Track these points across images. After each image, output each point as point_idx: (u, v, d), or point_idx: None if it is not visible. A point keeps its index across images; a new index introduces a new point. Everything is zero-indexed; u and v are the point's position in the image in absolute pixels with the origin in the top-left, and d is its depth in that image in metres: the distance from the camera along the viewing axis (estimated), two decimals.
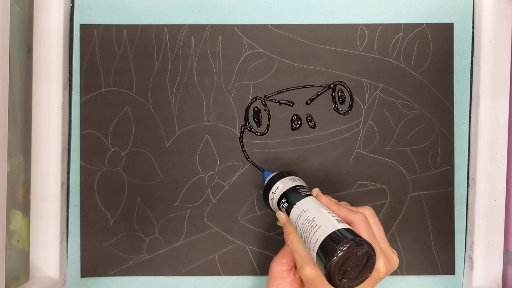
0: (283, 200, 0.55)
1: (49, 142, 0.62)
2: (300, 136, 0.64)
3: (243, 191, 0.65)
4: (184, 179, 0.65)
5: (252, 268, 0.65)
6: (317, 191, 0.55)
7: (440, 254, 0.64)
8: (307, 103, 0.64)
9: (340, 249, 0.42)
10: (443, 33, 0.64)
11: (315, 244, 0.45)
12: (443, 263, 0.64)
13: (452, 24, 0.64)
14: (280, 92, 0.64)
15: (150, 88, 0.64)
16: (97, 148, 0.64)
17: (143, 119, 0.64)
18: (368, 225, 0.50)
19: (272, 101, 0.64)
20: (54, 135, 0.62)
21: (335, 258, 0.42)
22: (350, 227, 0.46)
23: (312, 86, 0.64)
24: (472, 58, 0.64)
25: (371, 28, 0.64)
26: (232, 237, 0.65)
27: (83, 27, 0.64)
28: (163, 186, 0.64)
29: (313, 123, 0.64)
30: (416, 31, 0.64)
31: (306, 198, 0.53)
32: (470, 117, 0.64)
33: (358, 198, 0.64)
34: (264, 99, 0.64)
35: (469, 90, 0.64)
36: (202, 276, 0.65)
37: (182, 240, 0.65)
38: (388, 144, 0.64)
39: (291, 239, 0.52)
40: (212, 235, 0.65)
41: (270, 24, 0.64)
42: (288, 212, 0.54)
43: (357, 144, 0.64)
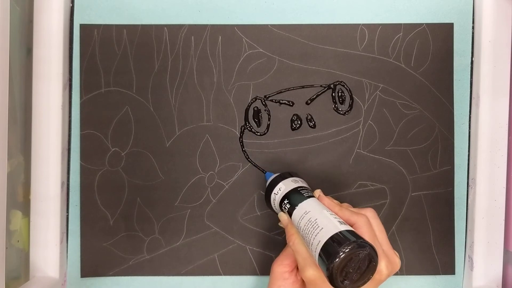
0: (285, 201, 0.55)
1: (49, 142, 0.62)
2: (300, 136, 0.64)
3: (243, 191, 0.65)
4: (184, 179, 0.65)
5: (252, 268, 0.65)
6: (319, 192, 0.55)
7: (440, 254, 0.65)
8: (307, 103, 0.64)
9: (342, 251, 0.42)
10: (443, 33, 0.64)
11: (317, 245, 0.46)
12: (443, 263, 0.65)
13: (452, 24, 0.64)
14: (280, 92, 0.64)
15: (150, 88, 0.64)
16: (97, 148, 0.64)
17: (143, 119, 0.64)
18: (370, 227, 0.50)
19: (272, 101, 0.64)
20: (54, 135, 0.62)
21: (338, 259, 0.42)
22: (352, 229, 0.47)
23: (312, 86, 0.64)
24: (472, 58, 0.64)
25: (371, 28, 0.64)
26: (232, 237, 0.65)
27: (83, 27, 0.64)
28: (163, 186, 0.64)
29: (313, 123, 0.64)
30: (416, 31, 0.64)
31: (308, 200, 0.53)
32: (470, 117, 0.64)
33: (358, 198, 0.65)
34: (264, 99, 0.64)
35: (469, 90, 0.64)
36: (202, 276, 0.65)
37: (182, 240, 0.65)
38: (388, 144, 0.64)
39: (293, 240, 0.52)
40: (212, 235, 0.65)
41: (270, 24, 0.64)
42: (290, 213, 0.54)
43: (357, 144, 0.64)
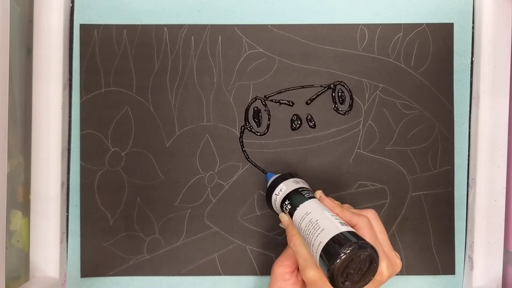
0: (286, 202, 0.55)
1: (49, 142, 0.62)
2: (300, 136, 0.64)
3: (243, 191, 0.65)
4: (184, 179, 0.65)
5: (252, 268, 0.65)
6: (320, 193, 0.55)
7: (440, 254, 0.65)
8: (307, 103, 0.64)
9: (343, 252, 0.42)
10: (443, 33, 0.64)
11: (318, 246, 0.46)
12: (443, 263, 0.65)
13: (452, 24, 0.64)
14: (280, 92, 0.64)
15: (150, 88, 0.64)
16: (97, 148, 0.64)
17: (143, 119, 0.64)
18: (371, 228, 0.50)
19: (272, 101, 0.64)
20: (54, 135, 0.62)
21: (339, 260, 0.42)
22: (353, 230, 0.47)
23: (312, 86, 0.64)
24: (472, 58, 0.64)
25: (371, 28, 0.64)
26: (232, 237, 0.65)
27: (83, 27, 0.63)
28: (163, 186, 0.64)
29: (313, 123, 0.64)
30: (416, 31, 0.64)
31: (309, 200, 0.53)
32: (470, 117, 0.64)
33: (358, 198, 0.65)
34: (264, 99, 0.64)
35: (469, 90, 0.64)
36: (202, 276, 0.65)
37: (182, 240, 0.65)
38: (388, 144, 0.64)
39: (294, 241, 0.51)
40: (212, 235, 0.65)
41: (270, 24, 0.64)
42: (291, 214, 0.53)
43: (357, 144, 0.64)
